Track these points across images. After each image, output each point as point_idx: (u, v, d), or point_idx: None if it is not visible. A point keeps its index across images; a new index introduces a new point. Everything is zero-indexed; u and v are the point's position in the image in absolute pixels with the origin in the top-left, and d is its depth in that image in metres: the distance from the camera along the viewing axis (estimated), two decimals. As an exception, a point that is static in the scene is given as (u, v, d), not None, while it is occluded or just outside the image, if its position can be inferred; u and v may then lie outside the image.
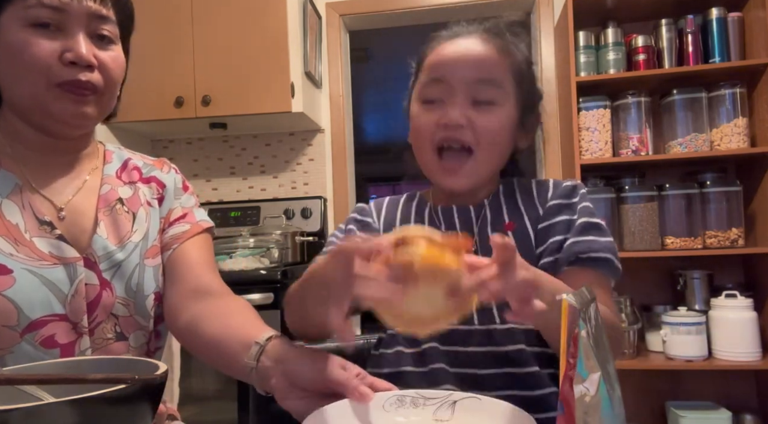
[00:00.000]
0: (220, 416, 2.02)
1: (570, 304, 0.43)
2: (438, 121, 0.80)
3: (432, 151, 0.82)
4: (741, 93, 2.13)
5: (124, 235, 0.85)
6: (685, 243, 2.12)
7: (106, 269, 0.81)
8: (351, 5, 2.70)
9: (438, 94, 0.81)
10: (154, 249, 0.88)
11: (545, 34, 2.55)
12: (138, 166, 0.94)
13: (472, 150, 0.80)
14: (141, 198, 0.90)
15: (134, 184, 0.91)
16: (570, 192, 0.84)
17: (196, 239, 0.92)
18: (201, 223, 0.94)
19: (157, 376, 0.49)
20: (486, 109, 0.80)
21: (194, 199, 0.98)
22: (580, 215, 0.81)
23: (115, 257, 0.82)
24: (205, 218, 0.96)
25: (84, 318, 0.78)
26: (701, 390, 2.26)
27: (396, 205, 0.93)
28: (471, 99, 0.80)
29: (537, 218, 0.83)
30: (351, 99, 2.82)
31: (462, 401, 0.61)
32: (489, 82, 0.80)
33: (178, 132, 2.74)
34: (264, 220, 2.58)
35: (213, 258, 0.94)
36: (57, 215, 0.81)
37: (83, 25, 0.78)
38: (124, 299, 0.82)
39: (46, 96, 0.77)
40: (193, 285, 0.86)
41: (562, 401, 0.43)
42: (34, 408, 0.42)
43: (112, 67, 0.82)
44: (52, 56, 0.76)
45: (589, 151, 2.19)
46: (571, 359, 0.42)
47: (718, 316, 2.04)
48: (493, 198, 0.87)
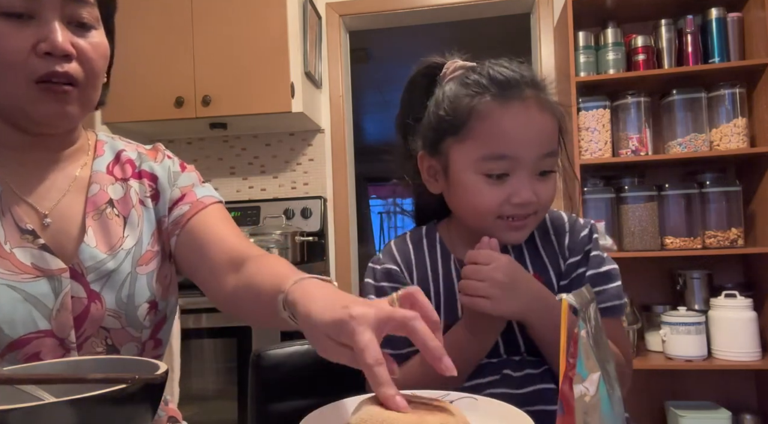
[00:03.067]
0: (220, 416, 2.02)
1: (570, 304, 0.43)
2: (509, 199, 0.77)
3: (493, 218, 0.79)
4: (740, 93, 2.13)
5: (115, 242, 0.79)
6: (684, 243, 2.12)
7: (95, 280, 0.75)
8: (351, 5, 2.70)
9: (503, 169, 0.77)
10: (147, 255, 0.81)
11: (545, 34, 2.55)
12: (131, 158, 0.86)
13: (536, 214, 0.80)
14: (133, 198, 0.83)
15: (126, 181, 0.84)
16: (586, 242, 0.85)
17: (202, 215, 0.83)
18: (203, 199, 0.85)
19: (157, 376, 0.49)
20: (546, 178, 0.79)
21: (195, 177, 0.89)
22: (589, 268, 0.83)
23: (105, 266, 0.76)
24: (210, 193, 0.87)
25: (71, 333, 0.73)
26: (701, 390, 2.26)
27: (422, 257, 0.87)
28: (536, 172, 0.78)
29: (560, 274, 0.85)
30: (351, 99, 2.82)
31: (458, 401, 0.61)
32: (551, 154, 0.79)
33: (178, 132, 2.74)
34: (264, 220, 2.58)
35: (230, 224, 0.84)
36: (41, 221, 0.75)
37: (57, 9, 0.70)
38: (114, 311, 0.76)
39: (25, 96, 0.70)
40: (226, 259, 0.78)
41: (562, 401, 0.43)
42: (34, 408, 0.42)
43: (93, 57, 0.74)
44: (26, 48, 0.68)
45: (589, 151, 2.19)
46: (570, 359, 0.42)
47: (718, 316, 2.04)
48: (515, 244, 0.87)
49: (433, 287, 0.85)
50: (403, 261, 0.87)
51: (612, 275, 0.84)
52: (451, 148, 0.81)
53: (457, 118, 0.79)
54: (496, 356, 0.81)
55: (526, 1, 2.60)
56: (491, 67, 0.80)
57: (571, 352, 0.42)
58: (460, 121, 0.79)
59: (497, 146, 0.76)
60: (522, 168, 0.77)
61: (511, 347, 0.81)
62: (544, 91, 0.79)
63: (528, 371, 0.80)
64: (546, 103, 0.78)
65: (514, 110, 0.76)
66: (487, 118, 0.77)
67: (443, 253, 0.88)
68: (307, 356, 1.03)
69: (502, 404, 0.59)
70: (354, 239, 2.78)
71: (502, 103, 0.77)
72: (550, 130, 0.79)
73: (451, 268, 0.86)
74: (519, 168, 0.77)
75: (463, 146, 0.79)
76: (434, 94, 0.85)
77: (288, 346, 1.04)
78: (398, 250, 0.89)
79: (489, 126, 0.77)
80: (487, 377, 0.80)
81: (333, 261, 2.69)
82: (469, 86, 0.79)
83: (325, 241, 2.65)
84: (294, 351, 1.03)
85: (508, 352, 0.81)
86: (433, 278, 0.86)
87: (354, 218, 2.83)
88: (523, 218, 0.79)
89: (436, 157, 0.84)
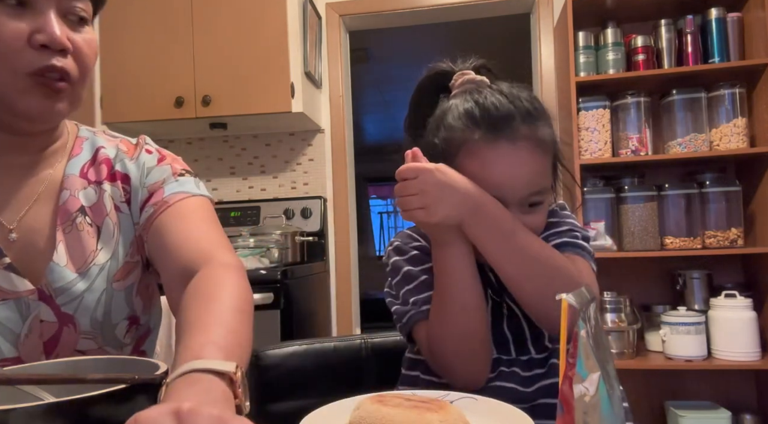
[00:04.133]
0: (220, 416, 2.02)
1: (570, 304, 0.43)
2: None
3: None
4: (740, 93, 2.13)
5: (87, 256, 0.72)
6: (684, 243, 2.12)
7: (65, 303, 0.69)
8: (351, 5, 2.70)
9: None
10: (126, 268, 0.74)
11: (545, 34, 2.55)
12: (108, 157, 0.79)
13: None
14: (107, 204, 0.76)
15: (100, 184, 0.76)
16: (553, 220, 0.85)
17: (164, 216, 0.73)
18: (169, 198, 0.75)
19: (157, 376, 0.49)
20: (535, 210, 0.79)
21: (168, 171, 0.79)
22: (561, 236, 0.83)
23: (76, 287, 0.70)
24: (182, 188, 0.77)
25: (42, 359, 0.68)
26: (701, 390, 2.26)
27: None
28: (522, 207, 0.78)
29: None
30: (351, 99, 2.82)
31: (458, 401, 0.61)
32: (540, 192, 0.78)
33: (178, 132, 2.74)
34: (264, 220, 2.59)
35: (195, 223, 0.73)
36: (7, 236, 0.69)
37: (54, 1, 0.66)
38: (89, 332, 0.70)
39: (14, 89, 0.65)
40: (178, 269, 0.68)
41: (562, 401, 0.43)
42: (34, 408, 0.42)
43: (87, 53, 0.70)
44: (20, 39, 0.64)
45: (589, 151, 2.19)
46: (570, 358, 0.42)
47: (718, 316, 2.04)
48: None
49: None
50: (424, 237, 0.87)
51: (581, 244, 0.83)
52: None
53: (448, 150, 0.79)
54: (506, 354, 0.81)
55: (526, 1, 2.60)
56: (487, 97, 0.78)
57: (570, 352, 0.42)
58: (450, 154, 0.79)
59: (484, 187, 0.75)
60: (508, 205, 0.76)
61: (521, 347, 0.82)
62: (539, 123, 0.78)
63: (537, 371, 0.80)
64: (538, 142, 0.77)
65: (502, 151, 0.75)
66: (476, 158, 0.76)
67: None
68: (306, 356, 1.03)
69: (502, 404, 0.59)
70: (354, 239, 2.78)
71: (492, 142, 0.76)
72: (540, 169, 0.78)
73: None
74: (505, 205, 0.76)
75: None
76: (437, 109, 0.84)
77: (287, 346, 1.04)
78: (415, 233, 0.89)
79: (478, 165, 0.76)
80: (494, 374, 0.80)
81: (333, 261, 2.70)
82: (463, 118, 0.78)
83: (325, 241, 2.65)
84: (293, 351, 1.03)
85: (518, 352, 0.82)
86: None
87: (354, 218, 2.83)
88: None
89: None
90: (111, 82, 2.38)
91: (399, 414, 0.50)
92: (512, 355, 0.81)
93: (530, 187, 0.77)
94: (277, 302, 1.98)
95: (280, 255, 2.24)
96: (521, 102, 0.78)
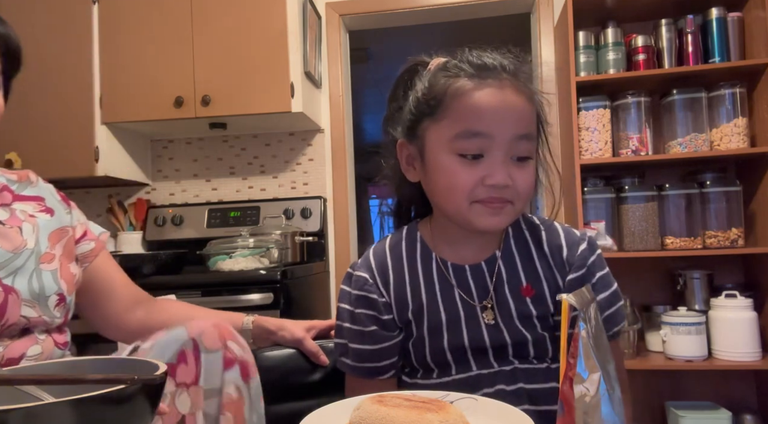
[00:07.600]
0: (220, 416, 2.01)
1: (570, 304, 0.43)
2: (483, 180, 0.76)
3: (468, 202, 0.78)
4: (741, 93, 2.13)
5: (18, 244, 0.88)
6: (684, 243, 2.12)
7: (6, 276, 0.85)
8: (351, 5, 2.70)
9: (477, 148, 0.76)
10: (48, 255, 0.91)
11: (545, 34, 2.55)
12: (6, 185, 0.95)
13: (512, 203, 0.79)
14: (21, 216, 0.92)
15: (8, 206, 0.93)
16: (585, 259, 0.84)
17: (104, 254, 1.03)
18: (101, 237, 1.05)
19: (157, 376, 0.49)
20: (523, 166, 0.78)
21: (82, 214, 1.05)
22: (598, 292, 0.83)
23: (13, 263, 0.86)
24: (100, 229, 1.06)
25: None
26: (701, 390, 2.26)
27: (400, 262, 0.87)
28: (511, 155, 0.77)
29: (555, 287, 0.84)
30: (351, 99, 2.82)
31: (458, 401, 0.61)
32: (527, 137, 0.78)
33: (178, 132, 2.74)
34: (264, 220, 2.58)
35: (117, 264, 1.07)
36: None
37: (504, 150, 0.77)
38: (29, 301, 0.86)
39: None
40: (132, 297, 1.04)
41: (562, 401, 0.43)
42: (34, 408, 0.42)
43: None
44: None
45: (589, 151, 2.19)
46: (571, 359, 0.42)
47: (718, 316, 2.04)
48: (504, 249, 0.86)
49: (412, 291, 0.85)
50: (379, 269, 0.86)
51: (616, 294, 0.85)
52: (428, 130, 0.81)
53: (433, 98, 0.80)
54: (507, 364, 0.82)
55: (526, 1, 2.60)
56: (471, 53, 0.80)
57: (571, 352, 0.42)
58: (436, 102, 0.79)
59: (471, 123, 0.76)
60: (496, 148, 0.76)
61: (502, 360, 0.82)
62: (521, 74, 0.79)
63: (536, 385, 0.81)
64: (523, 89, 0.78)
65: (488, 89, 0.77)
66: (462, 96, 0.77)
67: (424, 253, 0.87)
68: (305, 357, 1.03)
69: (502, 404, 0.59)
70: (354, 239, 2.78)
71: (478, 83, 0.77)
72: (526, 112, 0.78)
73: (432, 268, 0.86)
74: (493, 148, 0.76)
75: (439, 126, 0.79)
76: (415, 86, 0.85)
77: (287, 347, 1.04)
78: (375, 257, 0.88)
79: (463, 103, 0.77)
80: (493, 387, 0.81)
81: (333, 261, 2.69)
82: (448, 70, 0.80)
83: (325, 241, 2.65)
84: (293, 352, 1.03)
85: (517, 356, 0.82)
86: (412, 282, 0.85)
87: (354, 218, 2.83)
88: (499, 201, 0.78)
89: (414, 142, 0.84)
90: (111, 82, 2.38)
91: (399, 414, 0.50)
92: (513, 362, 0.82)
93: (518, 128, 0.77)
94: (277, 302, 1.98)
95: (279, 255, 2.24)
96: (507, 60, 0.80)
